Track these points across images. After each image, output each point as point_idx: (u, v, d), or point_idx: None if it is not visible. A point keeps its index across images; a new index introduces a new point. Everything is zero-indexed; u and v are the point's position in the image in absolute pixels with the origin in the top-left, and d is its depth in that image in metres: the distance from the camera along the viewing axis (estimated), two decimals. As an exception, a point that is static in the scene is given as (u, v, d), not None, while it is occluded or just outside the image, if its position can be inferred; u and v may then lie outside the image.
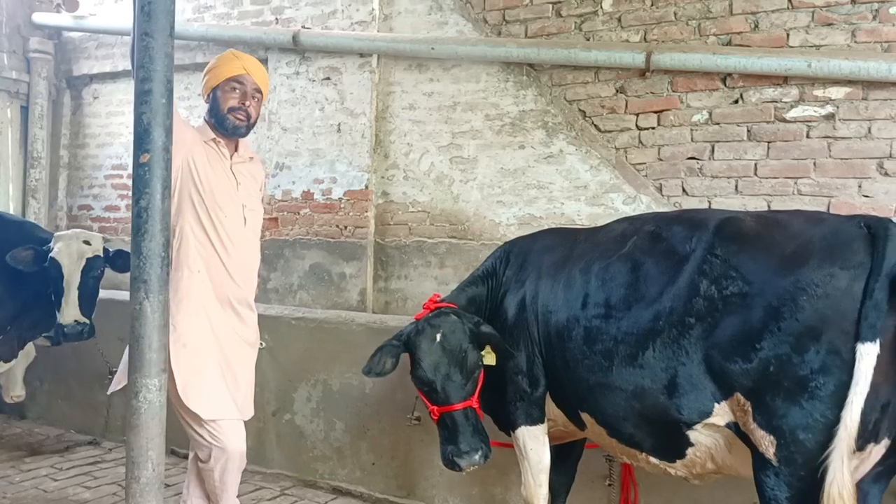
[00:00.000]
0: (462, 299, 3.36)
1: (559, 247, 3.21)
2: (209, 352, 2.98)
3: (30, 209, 6.74)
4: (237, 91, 3.13)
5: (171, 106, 2.32)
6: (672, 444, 2.70)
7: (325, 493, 4.49)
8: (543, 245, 3.31)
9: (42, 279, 4.44)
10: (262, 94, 3.21)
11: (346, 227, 5.42)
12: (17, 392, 4.96)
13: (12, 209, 6.67)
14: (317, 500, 4.37)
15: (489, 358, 3.12)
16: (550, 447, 3.46)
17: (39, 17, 6.75)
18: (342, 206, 5.43)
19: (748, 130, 4.22)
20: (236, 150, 3.24)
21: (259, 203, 3.32)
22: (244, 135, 3.22)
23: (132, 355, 2.30)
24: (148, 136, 2.26)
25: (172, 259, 2.99)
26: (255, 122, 3.23)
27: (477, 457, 2.98)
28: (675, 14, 4.40)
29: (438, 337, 3.05)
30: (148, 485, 2.30)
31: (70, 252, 4.28)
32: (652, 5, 4.47)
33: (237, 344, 3.10)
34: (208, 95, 3.19)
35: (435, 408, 3.07)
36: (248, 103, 3.15)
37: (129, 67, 6.23)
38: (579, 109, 4.71)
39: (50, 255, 4.28)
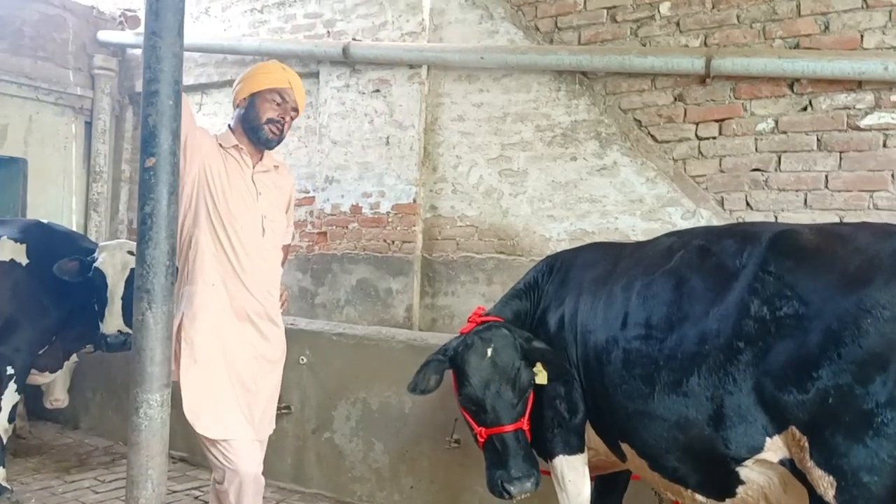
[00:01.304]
0: (507, 313, 3.13)
1: (602, 262, 2.98)
2: (220, 369, 2.86)
3: (91, 222, 6.88)
4: (279, 105, 3.02)
5: (179, 108, 2.21)
6: (720, 480, 2.43)
7: (363, 516, 4.34)
8: (586, 260, 3.08)
9: (87, 290, 4.46)
10: (297, 113, 3.11)
11: (393, 242, 5.30)
12: (57, 396, 4.98)
13: (74, 222, 6.83)
14: (354, 524, 4.23)
15: (541, 377, 2.85)
16: (593, 477, 3.24)
17: (104, 35, 6.92)
18: (390, 220, 5.31)
19: (818, 140, 3.91)
20: (261, 159, 3.13)
21: (282, 214, 3.19)
22: (272, 147, 3.12)
23: (133, 368, 2.20)
24: (154, 140, 2.16)
25: (189, 271, 2.91)
26: (282, 139, 3.13)
27: (529, 484, 2.71)
28: (738, 17, 4.13)
29: (489, 352, 2.80)
30: (147, 506, 2.19)
31: (114, 262, 4.28)
32: (713, 8, 4.21)
33: (255, 360, 2.97)
34: (243, 100, 3.08)
35: (482, 429, 2.81)
36: (286, 116, 3.05)
37: (192, 83, 6.42)
38: (635, 119, 4.48)
39: (94, 265, 4.29)
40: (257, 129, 3.02)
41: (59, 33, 6.68)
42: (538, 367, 2.84)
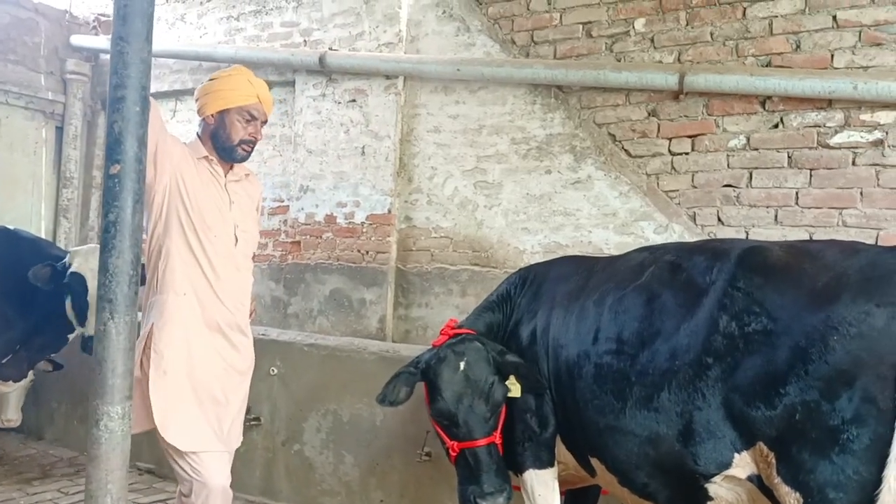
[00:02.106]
0: (480, 325, 3.11)
1: (575, 275, 2.98)
2: (188, 379, 2.81)
3: (61, 228, 6.77)
4: (251, 124, 2.99)
5: (146, 115, 2.17)
6: (689, 496, 2.43)
7: (332, 530, 4.28)
8: (559, 273, 3.08)
9: (57, 297, 4.38)
10: (266, 121, 3.09)
11: (367, 252, 5.26)
12: (10, 416, 4.86)
13: (43, 228, 6.71)
14: (322, 537, 4.17)
15: (514, 390, 2.83)
16: (563, 492, 3.22)
17: (77, 40, 6.83)
18: (364, 230, 5.28)
19: (789, 157, 3.94)
20: (231, 168, 3.10)
21: (254, 223, 3.17)
22: (244, 161, 3.10)
23: (94, 380, 2.15)
24: (119, 147, 2.12)
25: (158, 281, 2.86)
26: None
27: (501, 499, 2.69)
28: (712, 34, 4.17)
29: (462, 365, 2.77)
30: (107, 521, 2.13)
31: (92, 266, 4.22)
32: (687, 25, 4.25)
33: (224, 372, 2.92)
34: (211, 116, 3.02)
35: (454, 443, 2.78)
36: (257, 136, 3.03)
37: (167, 89, 6.35)
38: (609, 133, 4.50)
39: (71, 270, 4.24)
40: (230, 151, 3.00)
41: (30, 37, 6.58)
42: (511, 381, 2.82)
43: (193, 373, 2.81)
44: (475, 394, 2.76)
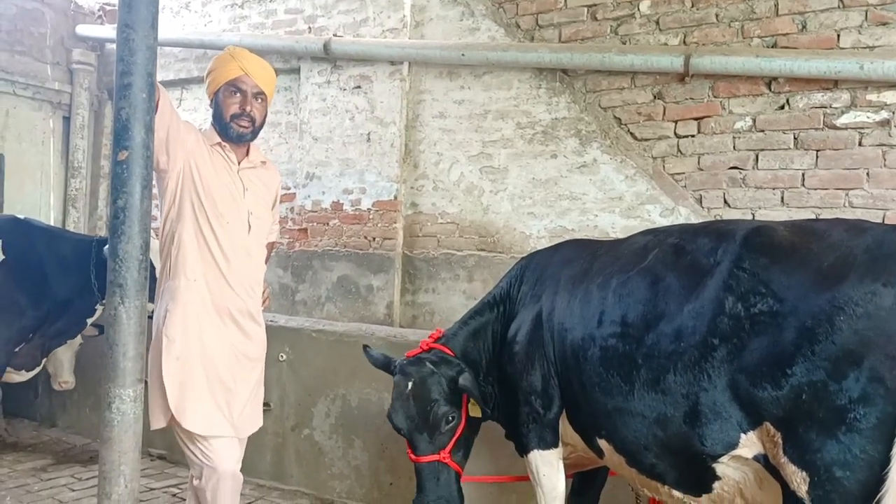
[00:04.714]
0: (462, 336, 3.21)
1: (578, 259, 2.98)
2: (200, 365, 2.83)
3: (69, 218, 6.81)
4: (237, 95, 2.95)
5: (153, 101, 2.19)
6: (696, 477, 2.44)
7: (343, 514, 4.33)
8: (563, 258, 3.09)
9: (67, 286, 4.43)
10: (266, 94, 3.03)
11: (374, 239, 5.28)
12: (66, 378, 4.94)
13: (52, 218, 6.75)
14: (333, 521, 4.21)
15: (474, 410, 3.01)
16: (573, 474, 3.25)
17: (83, 30, 6.84)
18: (371, 216, 5.30)
19: (795, 138, 3.94)
20: (247, 154, 3.10)
21: (268, 211, 3.16)
22: (250, 139, 3.08)
23: (106, 364, 2.17)
24: (127, 133, 2.14)
25: (171, 266, 2.88)
26: (261, 126, 3.07)
27: None
28: (717, 15, 4.16)
29: (409, 387, 2.96)
30: (120, 502, 2.16)
31: None
32: (692, 7, 4.23)
33: (235, 358, 2.94)
34: (212, 100, 3.05)
35: (409, 452, 3.03)
36: (249, 108, 2.96)
37: (172, 78, 6.35)
38: (614, 117, 4.49)
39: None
40: (226, 129, 2.98)
41: (36, 27, 6.59)
42: (472, 402, 2.99)
43: (204, 358, 2.83)
44: (418, 415, 2.94)
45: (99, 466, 2.21)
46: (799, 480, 2.09)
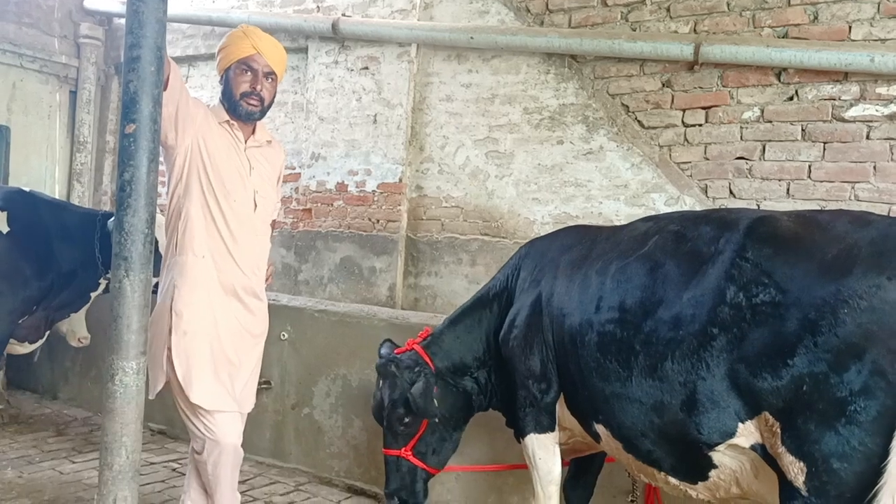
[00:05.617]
0: (447, 337, 3.27)
1: (578, 245, 2.98)
2: (208, 341, 2.85)
3: (74, 192, 6.82)
4: (248, 74, 2.95)
5: (161, 75, 2.18)
6: (693, 464, 2.45)
7: (340, 492, 4.35)
8: (562, 243, 3.08)
9: (73, 258, 4.44)
10: (276, 74, 3.04)
11: (378, 221, 5.28)
12: (84, 334, 4.96)
13: (57, 192, 6.76)
14: (330, 499, 4.23)
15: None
16: (570, 460, 3.27)
17: (91, 3, 6.82)
18: (375, 198, 5.29)
19: (803, 130, 3.92)
20: (253, 133, 3.10)
21: (273, 190, 3.16)
22: (259, 119, 3.08)
23: (109, 336, 2.18)
24: (135, 106, 2.13)
25: (178, 242, 2.89)
26: (269, 105, 3.07)
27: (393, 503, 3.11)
28: (728, 4, 4.13)
29: (378, 384, 3.19)
30: (121, 472, 2.17)
31: None
32: (704, -6, 4.20)
33: (239, 335, 2.96)
34: (222, 77, 3.05)
35: None
36: (259, 87, 2.96)
37: (179, 55, 6.33)
38: (622, 104, 4.47)
39: None
40: (235, 106, 2.98)
41: (44, 0, 6.57)
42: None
43: (210, 333, 2.85)
44: (381, 412, 3.15)
45: (101, 437, 2.22)
46: (796, 471, 2.10)
